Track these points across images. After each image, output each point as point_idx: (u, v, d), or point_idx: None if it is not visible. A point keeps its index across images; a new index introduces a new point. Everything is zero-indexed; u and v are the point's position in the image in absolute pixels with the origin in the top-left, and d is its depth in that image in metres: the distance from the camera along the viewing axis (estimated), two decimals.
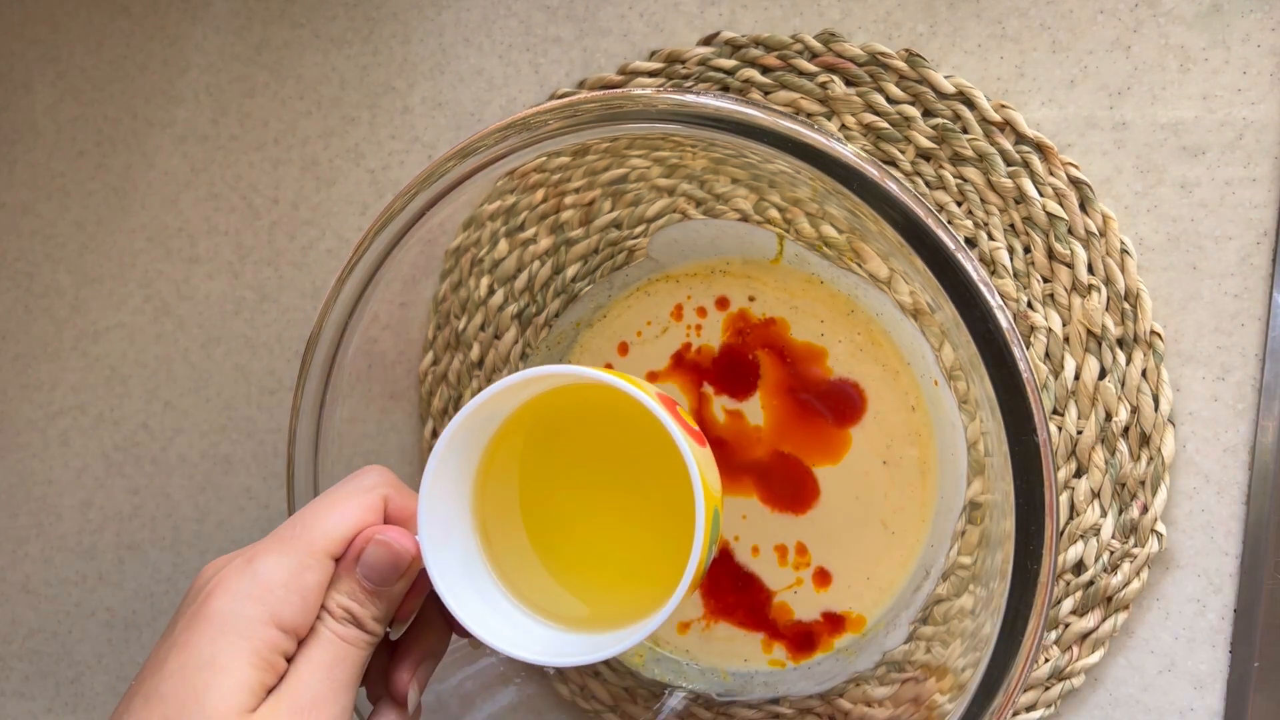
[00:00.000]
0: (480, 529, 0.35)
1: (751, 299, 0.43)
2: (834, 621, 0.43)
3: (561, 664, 0.32)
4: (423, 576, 0.32)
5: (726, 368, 0.44)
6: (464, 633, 0.34)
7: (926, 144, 0.42)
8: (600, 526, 0.38)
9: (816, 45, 0.43)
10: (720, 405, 0.44)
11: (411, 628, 0.33)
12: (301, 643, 0.29)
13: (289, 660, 0.29)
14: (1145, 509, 0.40)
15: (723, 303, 0.44)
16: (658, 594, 0.33)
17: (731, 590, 0.44)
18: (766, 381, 0.43)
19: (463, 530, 0.34)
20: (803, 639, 0.44)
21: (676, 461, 0.31)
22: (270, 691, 0.28)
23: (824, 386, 0.43)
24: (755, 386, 0.43)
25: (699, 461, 0.31)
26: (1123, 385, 0.41)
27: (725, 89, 0.44)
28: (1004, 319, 0.30)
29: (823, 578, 0.43)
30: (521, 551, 0.36)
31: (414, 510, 0.32)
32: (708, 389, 0.44)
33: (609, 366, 0.45)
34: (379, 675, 0.33)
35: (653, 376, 0.45)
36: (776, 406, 0.43)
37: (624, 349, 0.45)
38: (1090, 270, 0.41)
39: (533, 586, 0.36)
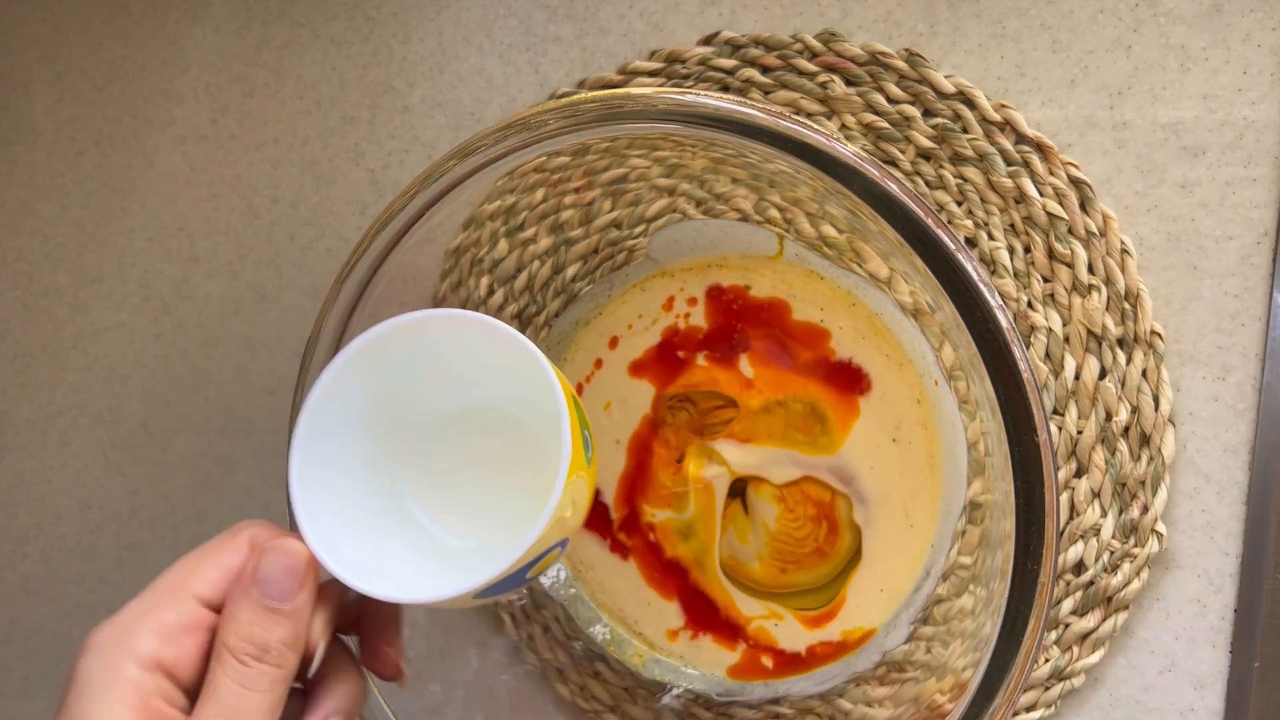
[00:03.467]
0: (364, 499, 0.34)
1: (748, 287, 0.43)
2: (836, 647, 0.43)
3: (477, 586, 0.30)
4: (324, 592, 0.30)
5: (714, 338, 0.43)
6: (390, 672, 0.33)
7: (926, 144, 0.42)
8: (477, 466, 0.37)
9: (816, 45, 0.43)
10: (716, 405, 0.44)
11: (323, 678, 0.31)
12: (200, 699, 0.28)
13: (187, 703, 0.28)
14: (1145, 509, 0.40)
15: (715, 290, 0.43)
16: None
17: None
18: (754, 358, 0.43)
19: (344, 506, 0.33)
20: (799, 663, 0.44)
21: (536, 378, 0.31)
22: None
23: (827, 368, 0.42)
24: (741, 360, 0.43)
25: (556, 372, 0.32)
26: (1123, 385, 0.41)
27: (725, 89, 0.44)
28: (1004, 319, 0.30)
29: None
30: (413, 509, 0.36)
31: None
32: (701, 360, 0.44)
33: (599, 362, 0.45)
34: None
35: (636, 366, 0.44)
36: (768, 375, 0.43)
37: (614, 343, 0.45)
38: (1090, 270, 0.41)
39: (437, 538, 0.35)
